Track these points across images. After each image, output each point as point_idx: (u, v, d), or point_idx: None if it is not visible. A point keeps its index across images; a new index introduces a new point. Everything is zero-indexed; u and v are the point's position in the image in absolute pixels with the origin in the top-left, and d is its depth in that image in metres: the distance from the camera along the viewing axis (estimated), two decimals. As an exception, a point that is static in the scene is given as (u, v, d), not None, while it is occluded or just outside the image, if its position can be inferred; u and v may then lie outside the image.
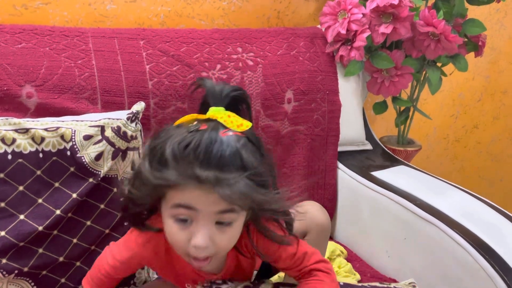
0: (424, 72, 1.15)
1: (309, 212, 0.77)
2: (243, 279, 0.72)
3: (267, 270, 0.78)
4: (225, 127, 0.57)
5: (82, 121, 0.79)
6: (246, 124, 0.59)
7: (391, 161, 1.11)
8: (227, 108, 0.60)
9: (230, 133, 0.57)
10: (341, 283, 0.76)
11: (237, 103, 0.62)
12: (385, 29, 1.02)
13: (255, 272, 0.78)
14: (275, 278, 0.80)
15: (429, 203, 0.90)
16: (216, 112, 0.59)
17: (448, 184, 0.99)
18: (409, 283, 0.83)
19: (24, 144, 0.75)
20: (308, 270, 0.68)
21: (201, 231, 0.56)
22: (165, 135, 0.57)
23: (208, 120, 0.58)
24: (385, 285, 0.79)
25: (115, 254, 0.67)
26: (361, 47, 1.04)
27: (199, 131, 0.56)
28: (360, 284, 0.78)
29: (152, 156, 0.57)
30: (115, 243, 0.70)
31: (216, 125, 0.57)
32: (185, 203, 0.56)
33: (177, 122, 0.60)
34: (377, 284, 0.80)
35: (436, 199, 0.91)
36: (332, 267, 0.71)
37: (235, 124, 0.58)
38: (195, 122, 0.58)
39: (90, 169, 0.78)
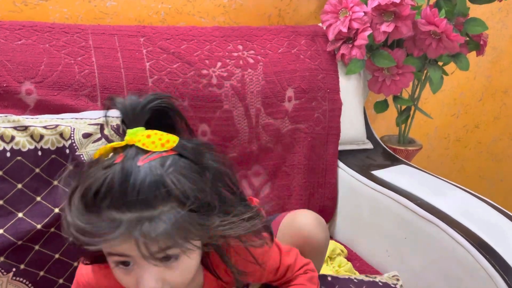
0: (425, 71, 1.14)
1: (302, 226, 0.71)
2: None
3: None
4: (146, 151, 0.49)
5: (81, 119, 0.79)
6: (173, 140, 0.50)
7: (391, 160, 1.11)
8: (150, 124, 0.52)
9: (153, 157, 0.48)
10: (329, 278, 0.75)
11: (162, 114, 0.53)
12: (386, 27, 1.01)
13: None
14: None
15: (430, 202, 0.89)
16: (133, 136, 0.50)
17: (448, 184, 0.98)
18: (393, 276, 0.83)
19: (23, 142, 0.74)
20: (291, 279, 0.65)
21: (145, 275, 0.49)
22: (81, 177, 0.49)
23: (126, 147, 0.50)
24: (371, 278, 0.80)
25: (88, 272, 0.62)
26: (362, 46, 1.03)
27: (113, 165, 0.47)
28: (347, 277, 0.78)
29: (70, 204, 0.49)
30: None
31: (133, 152, 0.48)
32: (115, 252, 0.49)
33: (96, 154, 0.51)
34: (363, 277, 0.80)
35: (437, 199, 0.91)
36: (313, 266, 0.67)
37: (158, 144, 0.49)
38: (111, 154, 0.50)
39: (90, 166, 0.77)
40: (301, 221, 0.72)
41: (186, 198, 0.47)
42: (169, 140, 0.50)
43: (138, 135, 0.50)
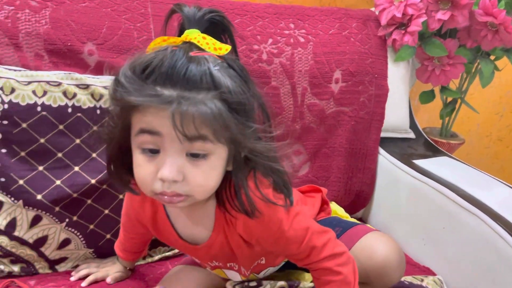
0: (476, 64, 1.12)
1: (378, 256, 0.68)
2: (231, 261, 0.66)
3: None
4: (200, 49, 0.51)
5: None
6: (226, 48, 0.52)
7: (433, 151, 1.10)
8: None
9: (205, 53, 0.50)
10: None
11: (217, 30, 0.55)
12: (442, 15, 1.00)
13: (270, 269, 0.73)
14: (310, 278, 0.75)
15: (472, 194, 0.89)
16: (190, 33, 0.52)
17: (491, 178, 0.97)
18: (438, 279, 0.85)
19: (84, 99, 0.78)
20: (316, 268, 0.62)
21: (168, 160, 0.49)
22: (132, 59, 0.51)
23: (182, 43, 0.52)
24: (418, 281, 0.81)
25: (125, 204, 0.70)
26: (415, 32, 1.02)
27: (165, 49, 0.50)
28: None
29: (116, 81, 0.50)
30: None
31: (188, 46, 0.50)
32: (148, 127, 0.49)
33: (150, 46, 0.53)
34: (411, 279, 0.80)
35: (479, 191, 0.90)
36: (347, 259, 0.62)
37: (211, 46, 0.51)
38: (166, 45, 0.52)
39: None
40: (372, 245, 0.70)
41: (229, 94, 0.48)
42: (222, 48, 0.52)
43: (195, 34, 0.52)
